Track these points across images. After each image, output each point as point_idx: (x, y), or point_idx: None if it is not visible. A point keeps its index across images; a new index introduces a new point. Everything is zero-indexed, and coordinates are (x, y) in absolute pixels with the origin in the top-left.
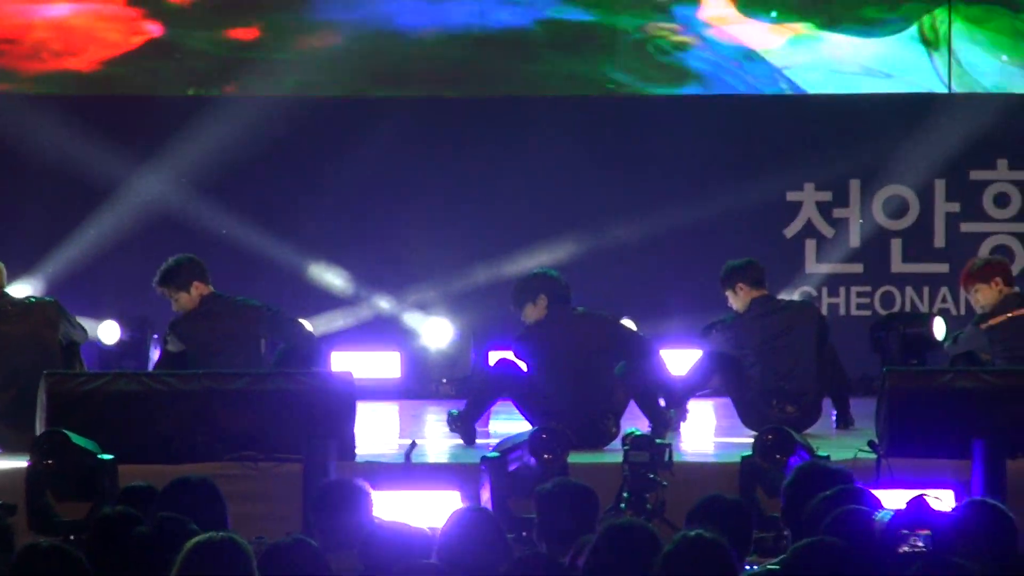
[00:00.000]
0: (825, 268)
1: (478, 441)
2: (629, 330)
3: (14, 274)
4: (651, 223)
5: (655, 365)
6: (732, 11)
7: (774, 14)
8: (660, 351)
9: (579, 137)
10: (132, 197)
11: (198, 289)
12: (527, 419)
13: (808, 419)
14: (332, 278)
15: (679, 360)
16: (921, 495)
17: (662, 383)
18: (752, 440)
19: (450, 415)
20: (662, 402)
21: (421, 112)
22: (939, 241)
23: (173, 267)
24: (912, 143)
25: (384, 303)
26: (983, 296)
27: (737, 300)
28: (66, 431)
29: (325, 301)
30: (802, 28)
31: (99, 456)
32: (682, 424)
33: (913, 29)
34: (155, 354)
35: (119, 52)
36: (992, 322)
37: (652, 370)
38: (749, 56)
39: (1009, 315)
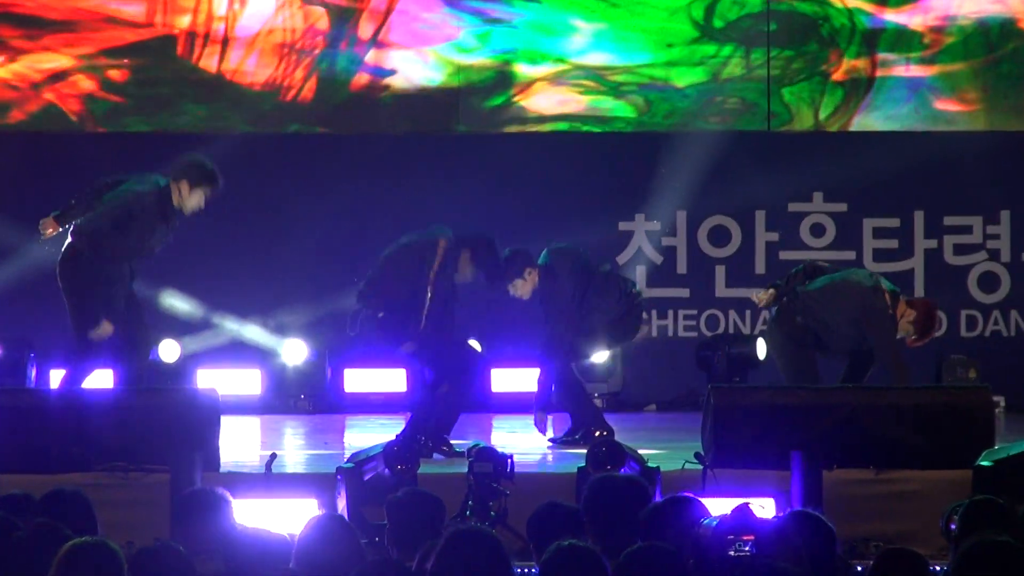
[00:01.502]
0: (655, 292)
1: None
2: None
3: None
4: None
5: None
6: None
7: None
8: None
9: (435, 172)
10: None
11: None
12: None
13: None
14: (181, 304)
15: (521, 377)
16: (745, 503)
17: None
18: (585, 452)
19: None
20: None
21: (287, 146)
22: (760, 268)
23: None
24: (735, 177)
25: (245, 325)
26: None
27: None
28: None
29: (190, 326)
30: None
31: None
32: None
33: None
34: (33, 372)
35: None
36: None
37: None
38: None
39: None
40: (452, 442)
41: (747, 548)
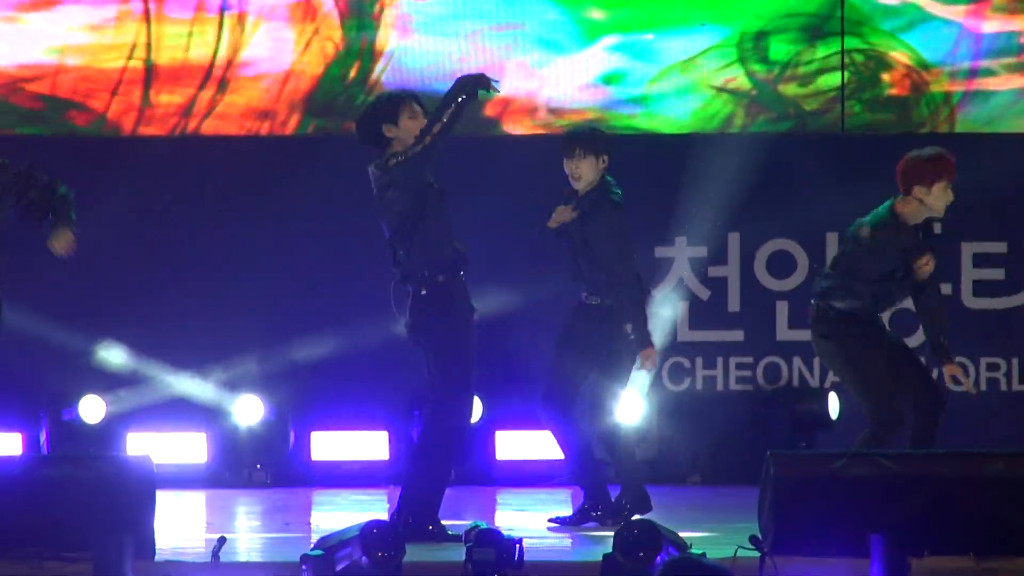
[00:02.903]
0: (700, 335)
1: None
2: None
3: None
4: (513, 288)
5: None
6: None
7: None
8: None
9: None
10: None
11: None
12: None
13: None
14: (114, 356)
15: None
16: None
17: None
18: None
19: None
20: None
21: (240, 150)
22: None
23: None
24: (802, 191)
25: (186, 378)
26: None
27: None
28: None
29: (116, 379)
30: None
31: None
32: None
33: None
34: None
35: None
36: None
37: None
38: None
39: None
40: (444, 523)
41: None
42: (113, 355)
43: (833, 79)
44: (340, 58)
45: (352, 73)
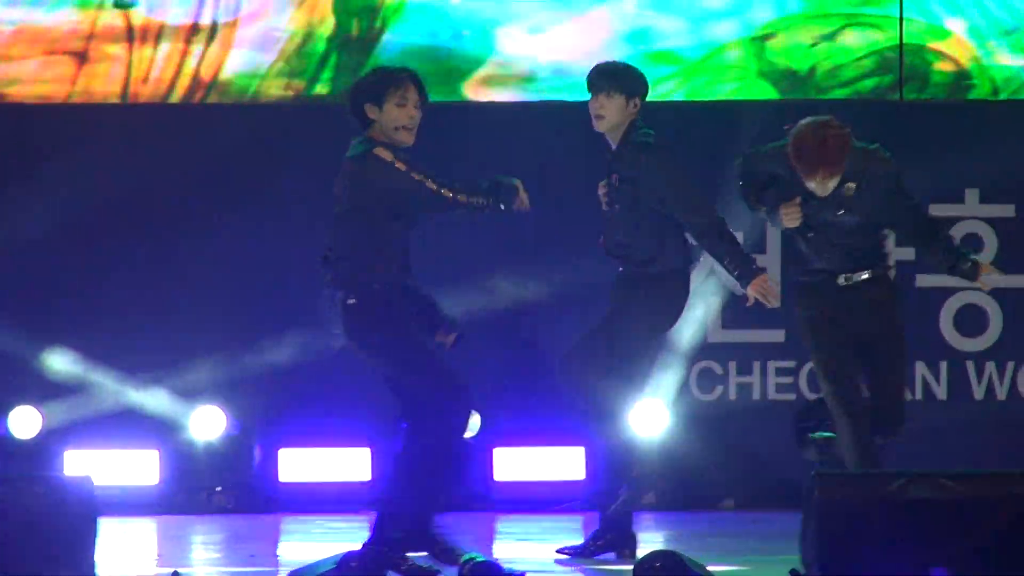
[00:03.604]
0: (735, 335)
1: None
2: None
3: None
4: (510, 285)
5: None
6: None
7: None
8: None
9: (427, 152)
10: None
11: None
12: None
13: None
14: (51, 360)
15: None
16: None
17: None
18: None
19: None
20: None
21: (198, 119)
22: None
23: None
24: None
25: (135, 386)
26: None
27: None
28: None
29: (54, 388)
30: None
31: None
32: None
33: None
34: None
35: None
36: None
37: None
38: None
39: None
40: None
41: None
42: (50, 359)
43: (872, 82)
44: (337, 17)
45: (353, 32)
